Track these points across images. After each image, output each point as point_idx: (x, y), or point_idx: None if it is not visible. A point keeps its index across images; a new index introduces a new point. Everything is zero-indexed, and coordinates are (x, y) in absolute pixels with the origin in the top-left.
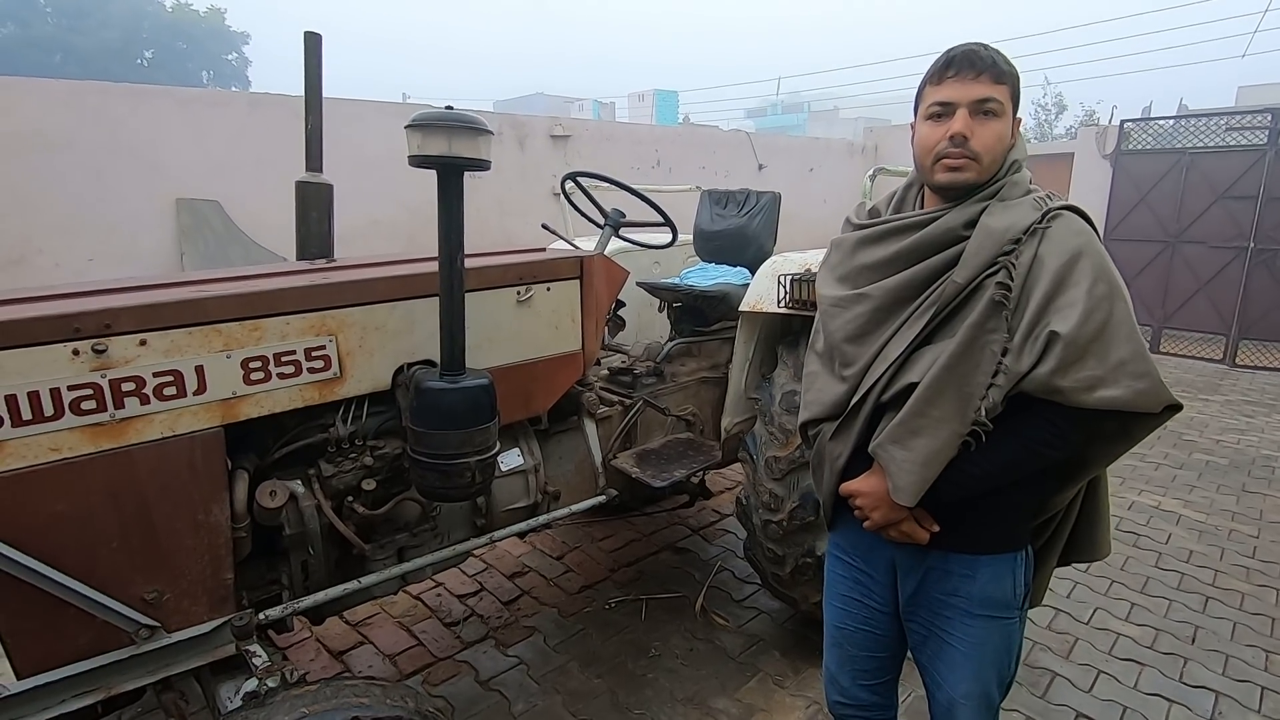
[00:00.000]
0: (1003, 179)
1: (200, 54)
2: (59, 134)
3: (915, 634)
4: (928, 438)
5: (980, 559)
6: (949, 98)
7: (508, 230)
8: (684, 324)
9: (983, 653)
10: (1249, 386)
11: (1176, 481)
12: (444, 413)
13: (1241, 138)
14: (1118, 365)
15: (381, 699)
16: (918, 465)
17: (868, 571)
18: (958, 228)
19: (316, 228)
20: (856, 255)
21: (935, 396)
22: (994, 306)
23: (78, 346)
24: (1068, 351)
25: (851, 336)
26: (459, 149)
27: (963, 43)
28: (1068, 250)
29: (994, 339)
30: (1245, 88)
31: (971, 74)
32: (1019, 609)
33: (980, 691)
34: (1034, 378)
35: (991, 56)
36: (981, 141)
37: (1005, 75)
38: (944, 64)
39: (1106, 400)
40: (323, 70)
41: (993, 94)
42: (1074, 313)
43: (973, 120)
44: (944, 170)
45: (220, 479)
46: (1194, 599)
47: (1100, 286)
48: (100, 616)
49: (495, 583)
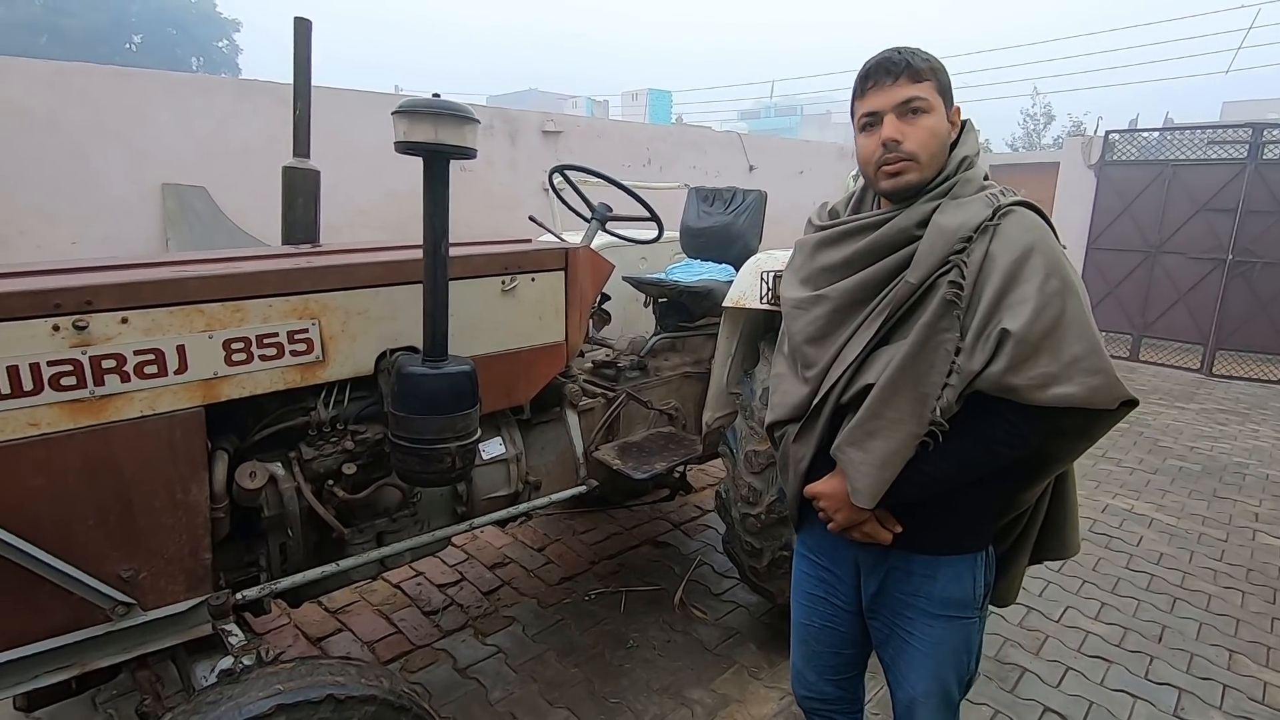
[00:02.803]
0: (954, 176)
1: (189, 40)
2: (42, 115)
3: (878, 633)
4: (884, 439)
5: (941, 559)
6: (874, 107)
7: (496, 224)
8: (668, 319)
9: (942, 652)
10: (1224, 395)
11: (1150, 486)
12: (425, 398)
13: (1223, 151)
14: (1071, 362)
15: (357, 678)
16: (875, 467)
17: (832, 571)
18: (910, 228)
19: (303, 214)
20: (816, 257)
21: (891, 398)
22: (946, 306)
23: (58, 322)
24: (1019, 349)
25: (811, 338)
26: (445, 136)
27: (878, 52)
28: (1019, 247)
29: (947, 338)
30: (1230, 103)
31: (889, 80)
32: (979, 609)
33: (939, 690)
34: (987, 376)
35: (905, 59)
36: (915, 140)
37: (923, 72)
38: (863, 76)
39: (1061, 397)
40: (312, 56)
41: (914, 93)
42: (1025, 309)
43: (901, 122)
44: (886, 177)
45: (200, 459)
46: (1162, 599)
47: (1052, 283)
48: (76, 593)
49: (475, 573)
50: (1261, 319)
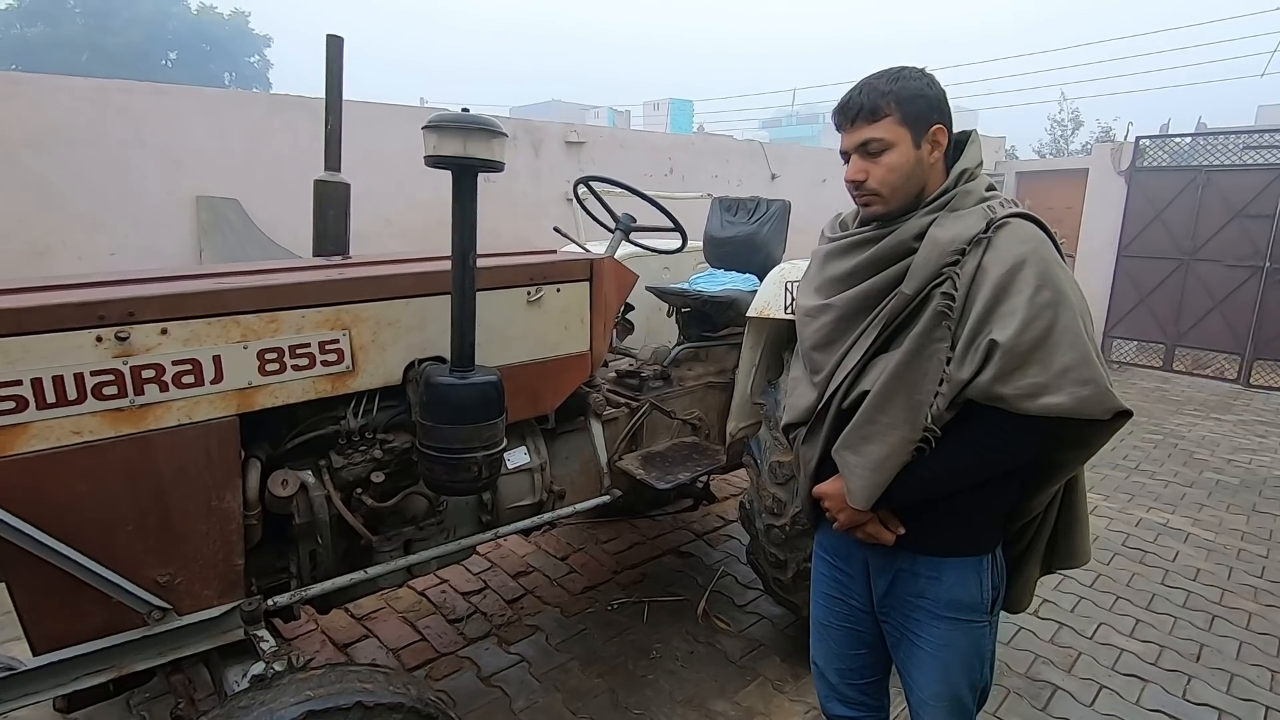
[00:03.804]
0: (953, 190)
1: (223, 56)
2: (84, 130)
3: (891, 635)
4: (878, 444)
5: (945, 561)
6: (842, 146)
7: (521, 234)
8: (692, 329)
9: (949, 655)
10: (1263, 406)
11: (1186, 499)
12: (453, 407)
13: (1259, 156)
14: (1061, 372)
15: (385, 686)
16: (869, 470)
17: (846, 571)
18: (908, 240)
19: (333, 225)
20: (826, 267)
21: (885, 404)
22: (938, 316)
23: (101, 333)
24: (1007, 359)
25: (819, 344)
26: (473, 150)
27: (848, 89)
28: (1011, 259)
29: (939, 348)
30: (1265, 107)
31: (847, 123)
32: (988, 614)
33: (949, 694)
34: (976, 385)
35: (861, 101)
36: (876, 178)
37: (881, 109)
38: (833, 114)
39: (1050, 407)
40: (344, 73)
41: (870, 135)
42: (1014, 321)
43: (864, 161)
44: (863, 206)
45: (234, 467)
46: (1200, 617)
47: (1043, 294)
48: (115, 597)
49: (499, 581)
50: None
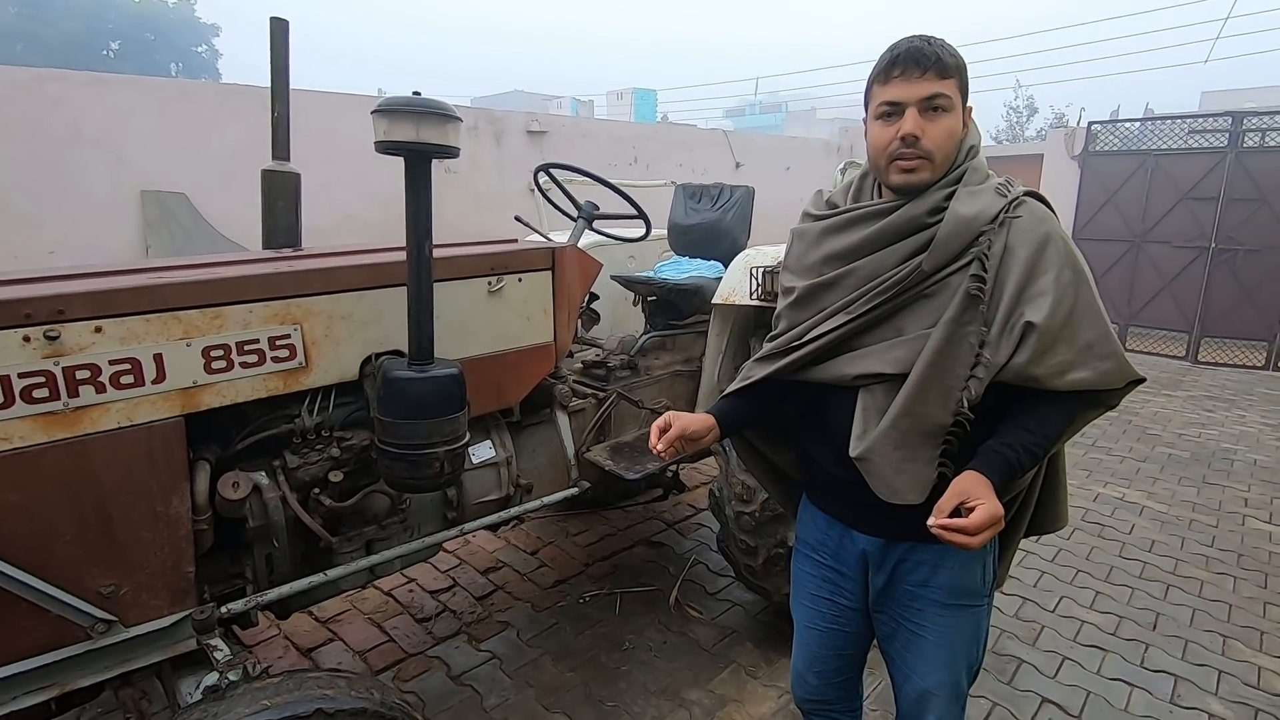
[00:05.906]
0: (962, 164)
1: (168, 46)
2: (18, 122)
3: (884, 626)
4: (917, 435)
5: (950, 548)
6: (897, 97)
7: (483, 226)
8: (658, 317)
9: (954, 641)
10: (1210, 382)
11: (1140, 474)
12: (412, 402)
13: (1204, 140)
14: (1085, 348)
15: (346, 691)
16: (922, 464)
17: (838, 569)
18: (921, 215)
19: (283, 217)
20: (821, 245)
21: (921, 394)
22: (970, 299)
23: (28, 333)
24: (1042, 340)
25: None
26: (426, 135)
27: (906, 37)
28: (1036, 239)
29: (971, 330)
30: (1209, 92)
31: (917, 72)
32: (987, 596)
33: (951, 681)
34: (1011, 367)
35: (936, 52)
36: (933, 139)
37: (951, 69)
38: (889, 63)
39: (1077, 382)
40: (289, 57)
41: (940, 90)
42: (1045, 301)
43: (922, 118)
44: (898, 171)
45: (180, 470)
46: (1156, 587)
47: (1066, 273)
48: (53, 611)
49: (468, 578)
50: (1245, 306)
